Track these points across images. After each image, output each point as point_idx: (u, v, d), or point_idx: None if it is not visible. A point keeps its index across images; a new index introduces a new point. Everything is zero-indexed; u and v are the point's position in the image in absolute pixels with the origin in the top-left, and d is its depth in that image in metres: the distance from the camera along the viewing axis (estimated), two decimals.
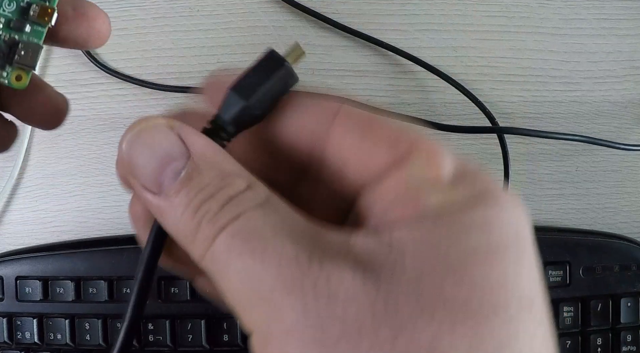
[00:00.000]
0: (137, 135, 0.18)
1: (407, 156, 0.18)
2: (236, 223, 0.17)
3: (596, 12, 0.43)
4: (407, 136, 0.18)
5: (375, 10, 0.42)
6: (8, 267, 0.38)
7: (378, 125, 0.19)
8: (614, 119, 0.43)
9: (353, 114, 0.19)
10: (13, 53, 0.25)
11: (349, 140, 0.19)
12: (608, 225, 0.43)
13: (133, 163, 0.18)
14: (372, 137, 0.19)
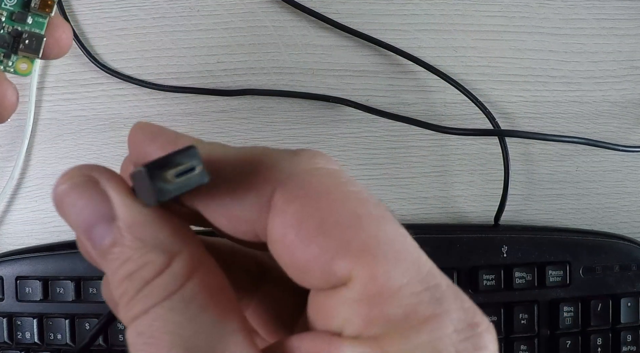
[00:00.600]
0: (65, 193, 0.17)
1: (356, 266, 0.15)
2: (143, 321, 0.16)
3: (596, 12, 0.43)
4: (358, 239, 0.15)
5: (375, 10, 0.42)
6: (8, 267, 0.38)
7: (320, 220, 0.16)
8: (614, 119, 0.43)
9: (291, 200, 0.16)
10: (17, 43, 0.27)
11: (290, 239, 0.16)
12: (608, 225, 0.43)
13: (66, 218, 0.17)
14: (315, 237, 0.15)
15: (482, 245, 0.39)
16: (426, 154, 0.42)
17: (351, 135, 0.42)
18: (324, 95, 0.41)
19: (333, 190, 0.16)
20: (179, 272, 0.16)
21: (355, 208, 0.16)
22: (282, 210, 0.16)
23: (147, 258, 0.16)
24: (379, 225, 0.16)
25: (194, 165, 0.16)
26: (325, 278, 0.15)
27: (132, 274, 0.16)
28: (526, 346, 0.38)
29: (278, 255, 0.17)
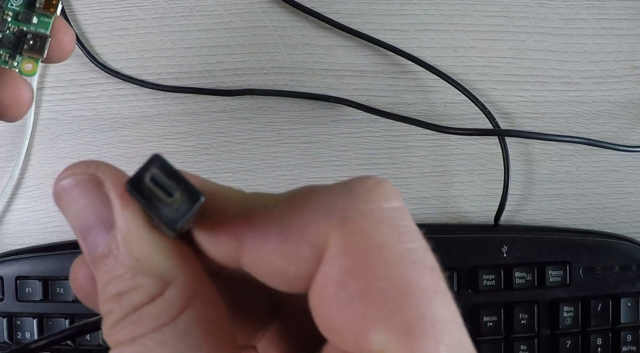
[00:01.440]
0: (66, 188, 0.16)
1: None
2: (127, 349, 0.15)
3: (596, 12, 0.43)
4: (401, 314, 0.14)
5: (375, 10, 0.42)
6: (8, 267, 0.38)
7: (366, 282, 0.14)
8: (614, 119, 0.43)
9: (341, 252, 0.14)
10: (22, 43, 0.27)
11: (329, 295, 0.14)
12: (608, 225, 0.43)
13: (64, 214, 0.16)
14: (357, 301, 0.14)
15: (482, 245, 0.39)
16: (426, 154, 0.42)
17: (351, 135, 0.42)
18: (324, 95, 0.41)
19: (388, 246, 0.14)
20: (173, 301, 0.15)
21: (407, 274, 0.14)
22: (330, 263, 0.14)
23: (139, 281, 0.15)
24: (428, 300, 0.14)
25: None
26: (355, 345, 0.14)
27: (121, 295, 0.15)
28: (526, 346, 0.38)
29: (313, 305, 0.15)
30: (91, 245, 0.16)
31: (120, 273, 0.15)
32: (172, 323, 0.15)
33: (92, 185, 0.16)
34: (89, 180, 0.16)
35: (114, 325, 0.15)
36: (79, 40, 0.41)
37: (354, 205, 0.15)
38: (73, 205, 0.16)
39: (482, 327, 0.38)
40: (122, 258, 0.15)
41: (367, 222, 0.14)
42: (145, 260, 0.15)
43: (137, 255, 0.15)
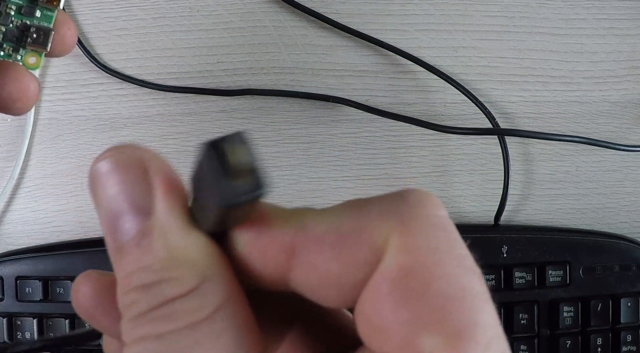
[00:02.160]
0: (108, 168, 0.15)
1: None
2: (153, 345, 0.14)
3: (596, 12, 0.43)
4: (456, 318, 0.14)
5: (375, 10, 0.42)
6: (8, 267, 0.38)
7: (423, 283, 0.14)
8: (614, 119, 0.43)
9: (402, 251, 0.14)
10: (26, 37, 0.27)
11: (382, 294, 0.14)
12: (608, 225, 0.43)
13: (97, 195, 0.15)
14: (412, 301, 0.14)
15: (482, 245, 0.39)
16: (426, 154, 0.42)
17: (351, 135, 0.42)
18: (324, 95, 0.41)
19: (444, 249, 0.14)
20: (209, 297, 0.14)
21: (462, 279, 0.14)
22: (388, 261, 0.14)
23: (175, 273, 0.14)
24: (480, 305, 0.14)
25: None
26: (403, 348, 0.14)
27: (150, 286, 0.14)
28: (526, 346, 0.38)
29: (362, 306, 0.14)
30: (121, 231, 0.15)
31: (150, 264, 0.14)
32: (207, 320, 0.14)
33: (135, 169, 0.15)
34: (133, 165, 0.15)
35: (138, 317, 0.14)
36: (79, 41, 0.41)
37: (411, 210, 0.15)
38: (109, 187, 0.15)
39: None
40: (156, 248, 0.14)
41: (424, 225, 0.14)
42: (181, 251, 0.14)
43: (174, 246, 0.14)
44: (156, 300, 0.14)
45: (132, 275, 0.14)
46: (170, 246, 0.14)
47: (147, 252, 0.14)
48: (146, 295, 0.14)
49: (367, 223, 0.14)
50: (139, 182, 0.15)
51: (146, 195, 0.15)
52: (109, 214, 0.15)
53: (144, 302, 0.14)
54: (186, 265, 0.14)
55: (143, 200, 0.14)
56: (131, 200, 0.15)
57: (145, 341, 0.14)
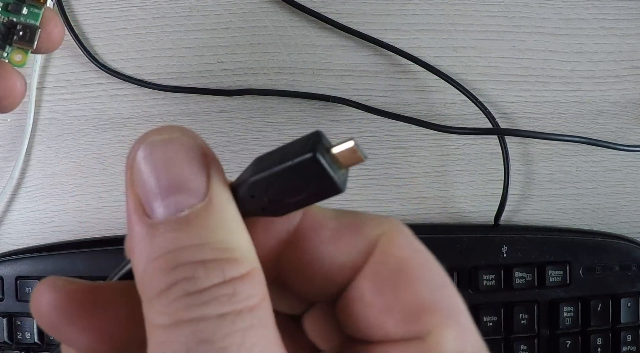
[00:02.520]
0: (167, 142, 0.15)
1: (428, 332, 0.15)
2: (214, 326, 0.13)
3: (596, 12, 0.43)
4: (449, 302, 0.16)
5: (375, 10, 0.42)
6: (8, 267, 0.38)
7: (421, 271, 0.16)
8: (614, 119, 0.43)
9: (397, 245, 0.16)
10: (12, 34, 0.27)
11: (372, 296, 0.16)
12: (608, 225, 0.43)
13: (141, 167, 0.15)
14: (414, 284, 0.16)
15: (482, 245, 0.39)
16: (426, 154, 0.42)
17: (351, 135, 0.42)
18: (324, 95, 0.41)
19: (426, 253, 0.16)
20: (260, 285, 0.14)
21: (443, 276, 0.16)
22: (384, 252, 0.16)
23: (233, 254, 0.14)
24: (459, 297, 0.16)
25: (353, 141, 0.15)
26: (402, 327, 0.15)
27: (208, 263, 0.13)
28: (526, 346, 0.38)
29: (358, 295, 0.16)
30: (169, 209, 0.14)
31: (206, 242, 0.14)
32: (259, 307, 0.14)
33: (196, 149, 0.15)
34: (194, 144, 0.15)
35: (196, 295, 0.13)
36: (79, 41, 0.41)
37: (399, 226, 0.17)
38: (165, 162, 0.14)
39: (482, 327, 0.38)
40: (213, 229, 0.14)
41: (409, 235, 0.17)
42: (237, 235, 0.14)
43: (231, 229, 0.14)
44: (217, 279, 0.13)
45: (185, 250, 0.13)
46: (227, 232, 0.14)
47: (204, 230, 0.14)
48: (206, 271, 0.13)
49: (364, 222, 0.17)
50: (199, 163, 0.15)
51: (203, 178, 0.14)
52: (156, 188, 0.14)
53: (205, 278, 0.13)
54: (243, 249, 0.14)
55: (199, 182, 0.14)
56: (187, 179, 0.14)
57: (204, 322, 0.13)
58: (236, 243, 0.14)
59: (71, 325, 0.16)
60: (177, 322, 0.13)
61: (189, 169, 0.14)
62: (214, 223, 0.14)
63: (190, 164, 0.14)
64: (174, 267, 0.13)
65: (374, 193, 0.42)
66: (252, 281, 0.14)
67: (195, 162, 0.15)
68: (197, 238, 0.14)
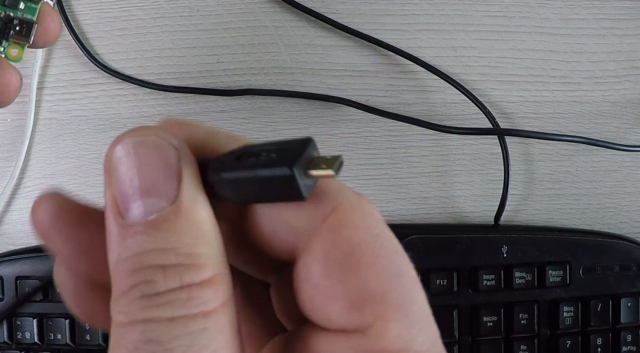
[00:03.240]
0: (141, 144, 0.15)
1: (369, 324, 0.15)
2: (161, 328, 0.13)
3: (596, 12, 0.43)
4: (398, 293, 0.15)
5: (375, 10, 0.42)
6: (8, 267, 0.38)
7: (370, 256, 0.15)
8: (614, 118, 0.43)
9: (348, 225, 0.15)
10: (9, 29, 0.27)
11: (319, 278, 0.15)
12: (608, 225, 0.43)
13: (116, 169, 0.15)
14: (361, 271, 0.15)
15: (482, 245, 0.39)
16: (426, 154, 0.42)
17: (351, 135, 0.42)
18: (324, 95, 0.41)
19: (386, 238, 0.15)
20: (220, 291, 0.14)
21: (400, 264, 0.15)
22: (335, 230, 0.15)
23: (196, 260, 0.14)
24: (415, 288, 0.15)
25: (341, 160, 0.15)
26: (346, 315, 0.15)
27: (170, 268, 0.14)
28: (526, 346, 0.38)
29: (306, 275, 0.15)
30: (139, 212, 0.14)
31: (173, 246, 0.14)
32: (216, 312, 0.14)
33: (167, 152, 0.15)
34: (166, 146, 0.15)
35: (151, 298, 0.14)
36: (80, 41, 0.41)
37: (362, 204, 0.16)
38: (136, 165, 0.15)
39: (482, 327, 0.38)
40: (180, 233, 0.14)
41: (370, 217, 0.15)
42: (205, 243, 0.14)
43: (199, 236, 0.14)
44: (174, 284, 0.14)
45: (148, 254, 0.14)
46: (193, 237, 0.14)
47: (170, 235, 0.14)
48: (164, 275, 0.14)
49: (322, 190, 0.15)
50: (171, 166, 0.15)
51: (174, 181, 0.15)
52: (128, 190, 0.15)
53: (162, 283, 0.14)
54: (207, 255, 0.14)
55: (170, 185, 0.14)
56: (158, 182, 0.14)
57: (154, 323, 0.14)
58: (201, 248, 0.14)
59: (62, 235, 0.16)
60: (131, 322, 0.14)
61: (161, 172, 0.15)
62: (181, 227, 0.14)
63: (163, 167, 0.15)
64: (137, 269, 0.14)
65: (374, 194, 0.42)
66: (211, 287, 0.14)
67: (168, 165, 0.15)
68: (162, 243, 0.14)
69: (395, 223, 0.42)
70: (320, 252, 0.15)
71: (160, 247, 0.14)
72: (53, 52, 0.42)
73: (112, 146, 0.15)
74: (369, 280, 0.14)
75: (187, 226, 0.14)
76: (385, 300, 0.14)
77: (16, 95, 0.27)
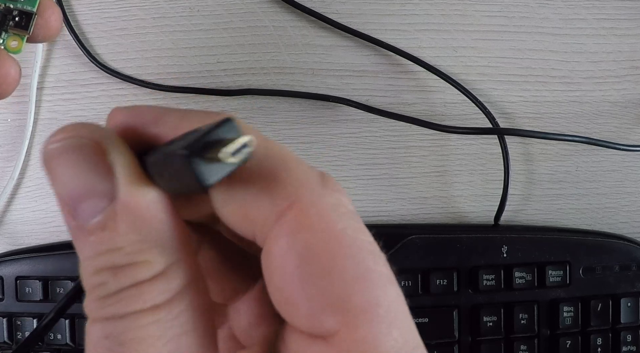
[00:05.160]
0: (64, 149, 0.14)
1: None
2: (116, 324, 0.14)
3: (596, 12, 0.43)
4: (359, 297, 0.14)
5: (375, 10, 0.42)
6: (8, 267, 0.38)
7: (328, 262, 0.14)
8: (614, 118, 0.43)
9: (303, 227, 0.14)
10: (8, 20, 0.27)
11: (290, 267, 0.14)
12: (608, 225, 0.43)
13: (52, 175, 0.15)
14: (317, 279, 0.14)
15: (482, 245, 0.39)
16: (426, 154, 0.42)
17: (351, 135, 0.42)
18: (324, 95, 0.41)
19: (349, 234, 0.14)
20: (174, 282, 0.14)
21: (366, 260, 0.14)
22: (291, 232, 0.14)
23: (145, 257, 0.14)
24: (383, 285, 0.14)
25: (244, 142, 0.13)
26: (308, 323, 0.14)
27: (120, 269, 0.14)
28: (526, 346, 0.38)
29: (269, 273, 0.15)
30: (83, 216, 0.14)
31: (120, 246, 0.14)
32: (168, 304, 0.14)
33: (91, 150, 0.14)
34: (88, 146, 0.14)
35: (105, 299, 0.14)
36: (79, 40, 0.41)
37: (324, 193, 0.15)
38: (65, 171, 0.14)
39: (482, 327, 0.38)
40: (124, 231, 0.14)
41: (331, 210, 0.15)
42: (153, 236, 0.14)
43: (144, 230, 0.14)
44: (125, 283, 0.14)
45: (100, 257, 0.14)
46: (140, 229, 0.14)
47: (116, 234, 0.14)
48: (115, 277, 0.14)
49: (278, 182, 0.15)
50: (99, 164, 0.14)
51: (107, 179, 0.14)
52: (68, 198, 0.14)
53: (113, 284, 0.14)
54: (156, 248, 0.14)
55: (104, 184, 0.14)
56: (90, 183, 0.14)
57: (110, 321, 0.14)
58: (149, 242, 0.14)
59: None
60: (93, 320, 0.15)
61: (91, 172, 0.14)
62: (125, 224, 0.14)
63: (93, 167, 0.14)
64: (92, 273, 0.15)
65: (374, 193, 0.42)
66: (163, 279, 0.14)
67: (96, 163, 0.14)
68: (110, 243, 0.14)
69: (395, 224, 0.42)
70: (277, 255, 0.14)
71: (109, 247, 0.14)
72: (53, 52, 0.42)
73: (45, 145, 0.15)
74: (328, 286, 0.14)
75: (131, 221, 0.14)
76: (345, 306, 0.14)
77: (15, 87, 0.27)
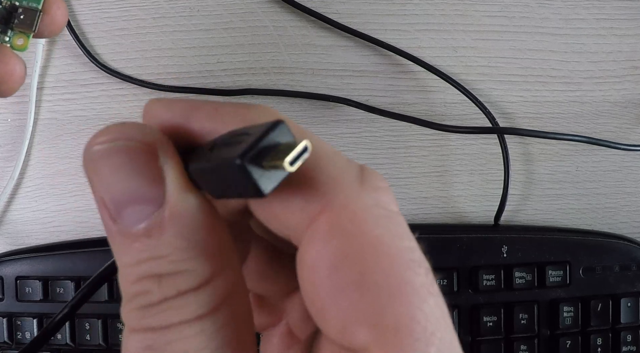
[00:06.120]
0: (115, 151, 0.14)
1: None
2: (159, 335, 0.14)
3: (596, 12, 0.43)
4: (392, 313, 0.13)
5: (375, 10, 0.42)
6: (8, 267, 0.38)
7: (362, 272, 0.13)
8: (614, 118, 0.43)
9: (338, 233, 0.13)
10: (13, 18, 0.27)
11: (321, 276, 0.14)
12: (608, 225, 0.43)
13: (96, 177, 0.14)
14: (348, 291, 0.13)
15: (482, 245, 0.39)
16: (426, 154, 0.42)
17: (351, 135, 0.42)
18: (324, 95, 0.41)
19: (385, 241, 0.13)
20: (217, 292, 0.14)
21: (402, 271, 0.13)
22: (323, 239, 0.13)
23: (190, 266, 0.14)
24: (421, 300, 0.13)
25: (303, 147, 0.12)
26: (339, 335, 0.13)
27: (164, 277, 0.14)
28: (526, 346, 0.38)
29: (301, 280, 0.14)
30: (127, 221, 0.14)
31: (165, 254, 0.14)
32: (211, 315, 0.14)
33: (142, 154, 0.14)
34: (139, 149, 0.14)
35: (148, 308, 0.14)
36: (79, 40, 0.41)
37: (362, 194, 0.14)
38: (111, 174, 0.14)
39: (482, 327, 0.38)
40: (171, 239, 0.14)
41: (369, 213, 0.14)
42: (199, 244, 0.14)
43: (191, 238, 0.14)
44: (169, 293, 0.14)
45: (143, 264, 0.14)
46: (187, 237, 0.14)
47: (162, 241, 0.14)
48: (159, 286, 0.14)
49: (312, 184, 0.14)
50: (150, 169, 0.14)
51: (157, 184, 0.14)
52: (113, 202, 0.14)
53: (157, 293, 0.14)
54: (202, 257, 0.14)
55: (155, 189, 0.14)
56: (140, 188, 0.14)
57: (152, 331, 0.14)
58: (193, 251, 0.14)
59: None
60: (133, 329, 0.14)
61: (140, 176, 0.14)
62: (172, 232, 0.14)
63: (141, 171, 0.14)
64: (135, 280, 0.14)
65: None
66: (208, 288, 0.14)
67: (146, 167, 0.14)
68: (155, 251, 0.14)
69: None
70: (309, 263, 0.14)
71: (154, 255, 0.14)
72: (53, 52, 0.42)
73: (90, 145, 0.14)
74: (360, 298, 0.13)
75: (179, 229, 0.14)
76: (377, 322, 0.13)
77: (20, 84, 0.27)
